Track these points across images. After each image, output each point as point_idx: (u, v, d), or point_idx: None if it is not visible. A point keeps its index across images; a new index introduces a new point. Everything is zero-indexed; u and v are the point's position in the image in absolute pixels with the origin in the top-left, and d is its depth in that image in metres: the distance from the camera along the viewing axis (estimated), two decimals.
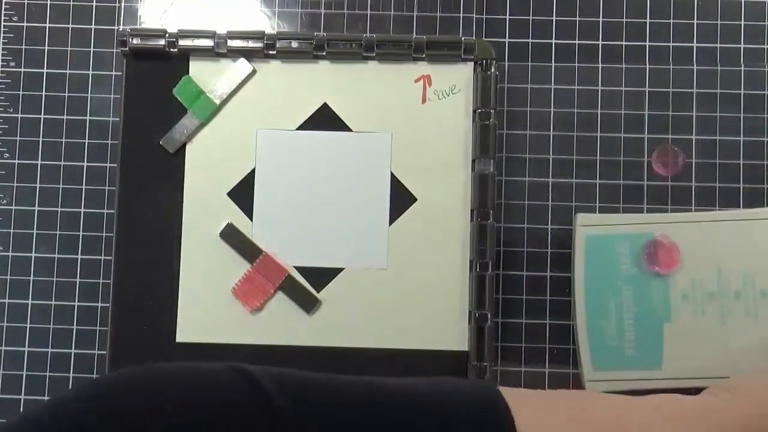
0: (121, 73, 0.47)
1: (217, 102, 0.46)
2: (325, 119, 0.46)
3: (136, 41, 0.46)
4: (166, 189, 0.46)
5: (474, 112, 0.46)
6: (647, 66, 0.47)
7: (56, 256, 0.47)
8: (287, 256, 0.46)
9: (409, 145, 0.46)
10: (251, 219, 0.46)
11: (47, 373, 0.46)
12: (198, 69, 0.47)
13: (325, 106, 0.46)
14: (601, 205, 0.46)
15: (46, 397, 0.46)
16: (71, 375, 0.46)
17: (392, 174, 0.46)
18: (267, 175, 0.46)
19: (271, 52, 0.46)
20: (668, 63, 0.47)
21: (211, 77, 0.47)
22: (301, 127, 0.46)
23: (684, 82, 0.47)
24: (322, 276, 0.46)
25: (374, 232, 0.46)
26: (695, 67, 0.47)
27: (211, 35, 0.46)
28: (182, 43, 0.46)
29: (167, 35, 0.46)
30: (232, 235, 0.46)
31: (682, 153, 0.46)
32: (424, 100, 0.46)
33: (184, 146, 0.46)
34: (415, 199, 0.46)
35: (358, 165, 0.46)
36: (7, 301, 0.47)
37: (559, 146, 0.47)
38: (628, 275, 0.44)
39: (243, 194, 0.46)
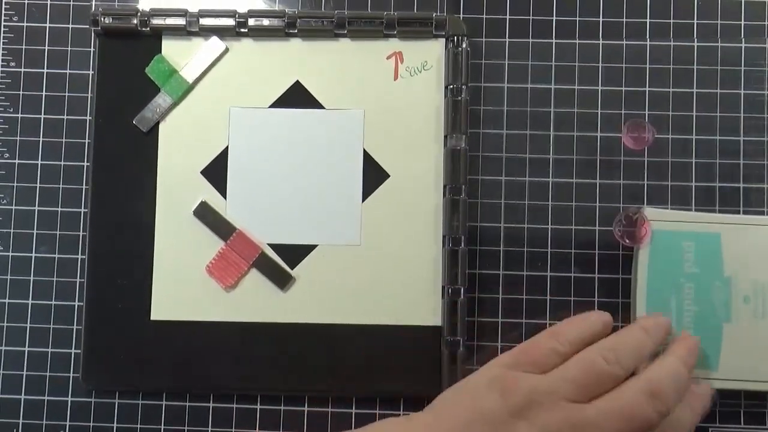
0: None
1: (190, 80, 0.46)
2: (297, 97, 0.46)
3: (107, 20, 0.46)
4: (140, 168, 0.46)
5: (446, 88, 0.46)
6: (647, 66, 0.47)
7: (56, 256, 0.47)
8: (261, 233, 0.46)
9: (381, 121, 0.46)
10: (225, 197, 0.46)
11: (47, 373, 0.46)
12: (170, 48, 0.47)
13: (297, 83, 0.47)
14: (600, 205, 0.46)
15: (46, 398, 0.46)
16: (71, 375, 0.46)
17: (365, 150, 0.46)
18: (240, 153, 0.46)
19: (243, 30, 0.46)
20: (669, 62, 0.47)
21: (184, 56, 0.47)
22: (274, 105, 0.47)
23: (684, 81, 0.47)
24: (295, 253, 0.46)
25: (347, 209, 0.46)
26: (695, 67, 0.46)
27: (183, 14, 0.46)
28: (154, 21, 0.46)
29: (139, 14, 0.46)
30: (205, 213, 0.46)
31: (652, 128, 0.46)
32: (396, 77, 0.47)
33: (157, 125, 0.46)
34: (387, 176, 0.46)
35: (330, 142, 0.46)
36: (7, 301, 0.47)
37: (559, 147, 0.47)
38: (691, 273, 0.44)
39: (216, 172, 0.46)
